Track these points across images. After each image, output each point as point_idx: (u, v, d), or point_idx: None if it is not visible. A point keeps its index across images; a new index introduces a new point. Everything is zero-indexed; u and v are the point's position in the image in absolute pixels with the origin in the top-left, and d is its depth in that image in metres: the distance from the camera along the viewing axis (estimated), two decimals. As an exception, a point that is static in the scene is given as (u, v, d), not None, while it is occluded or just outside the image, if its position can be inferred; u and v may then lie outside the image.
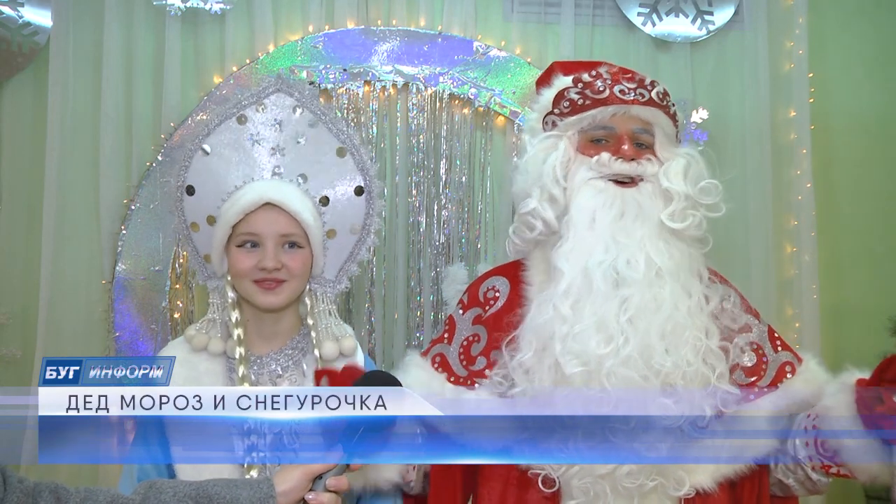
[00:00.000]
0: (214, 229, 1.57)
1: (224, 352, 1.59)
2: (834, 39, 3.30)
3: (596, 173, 1.58)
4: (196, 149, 1.58)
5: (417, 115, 3.10)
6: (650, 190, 1.56)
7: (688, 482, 1.47)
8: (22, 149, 2.99)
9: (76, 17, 2.99)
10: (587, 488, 1.44)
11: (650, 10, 3.18)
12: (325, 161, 1.64)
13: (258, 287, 1.54)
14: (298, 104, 1.62)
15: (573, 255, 1.52)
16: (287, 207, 1.54)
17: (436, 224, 3.10)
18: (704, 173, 1.59)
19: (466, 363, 1.62)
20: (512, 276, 1.66)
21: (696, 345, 1.46)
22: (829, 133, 3.26)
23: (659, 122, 1.63)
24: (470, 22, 3.13)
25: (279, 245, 1.54)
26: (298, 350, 1.62)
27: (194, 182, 1.58)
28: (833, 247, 3.22)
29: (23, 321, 2.95)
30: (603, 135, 1.61)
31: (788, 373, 1.58)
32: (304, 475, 1.27)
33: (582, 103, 1.62)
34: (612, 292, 1.48)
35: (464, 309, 1.70)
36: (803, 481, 1.56)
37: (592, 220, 1.54)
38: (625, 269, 1.49)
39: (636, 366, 1.42)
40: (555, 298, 1.50)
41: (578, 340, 1.45)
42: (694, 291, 1.52)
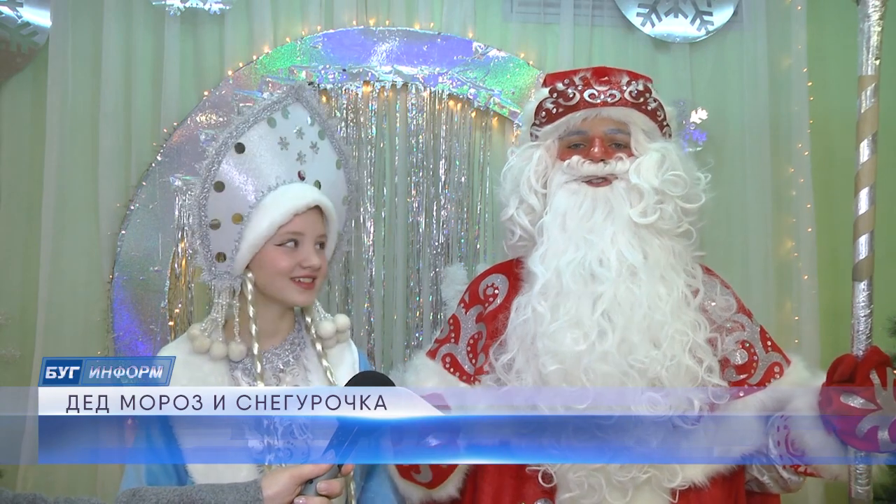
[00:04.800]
0: (243, 228, 1.57)
1: (226, 356, 1.61)
2: (833, 39, 3.30)
3: (569, 177, 1.64)
4: (229, 147, 1.57)
5: (416, 115, 3.10)
6: (622, 187, 1.61)
7: (681, 474, 1.50)
8: (21, 149, 2.98)
9: (75, 17, 2.99)
10: (582, 481, 1.48)
11: (649, 10, 3.18)
12: (329, 170, 1.71)
13: (297, 285, 1.60)
14: (311, 115, 1.67)
15: (547, 257, 1.58)
16: (329, 212, 1.63)
17: (435, 224, 3.10)
18: (678, 165, 1.62)
19: (474, 360, 1.66)
20: (510, 273, 1.72)
21: (681, 340, 1.49)
22: (828, 133, 3.26)
23: (633, 120, 1.66)
24: (469, 22, 3.13)
25: (315, 245, 1.62)
26: (297, 344, 1.67)
27: (225, 179, 1.57)
28: (832, 246, 3.22)
29: (22, 321, 2.95)
30: (578, 139, 1.67)
31: (777, 373, 1.63)
32: (291, 479, 1.27)
33: (556, 112, 1.68)
34: (585, 289, 1.52)
35: (466, 307, 1.75)
36: (777, 479, 1.61)
37: (564, 222, 1.60)
38: (596, 267, 1.53)
39: (614, 361, 1.45)
40: (532, 299, 1.55)
41: (554, 339, 1.49)
42: (677, 286, 1.55)
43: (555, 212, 1.60)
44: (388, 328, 3.09)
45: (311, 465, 1.30)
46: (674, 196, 1.59)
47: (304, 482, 1.29)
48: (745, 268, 3.12)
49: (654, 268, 1.54)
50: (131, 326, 2.94)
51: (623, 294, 1.50)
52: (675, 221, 1.60)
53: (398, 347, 3.07)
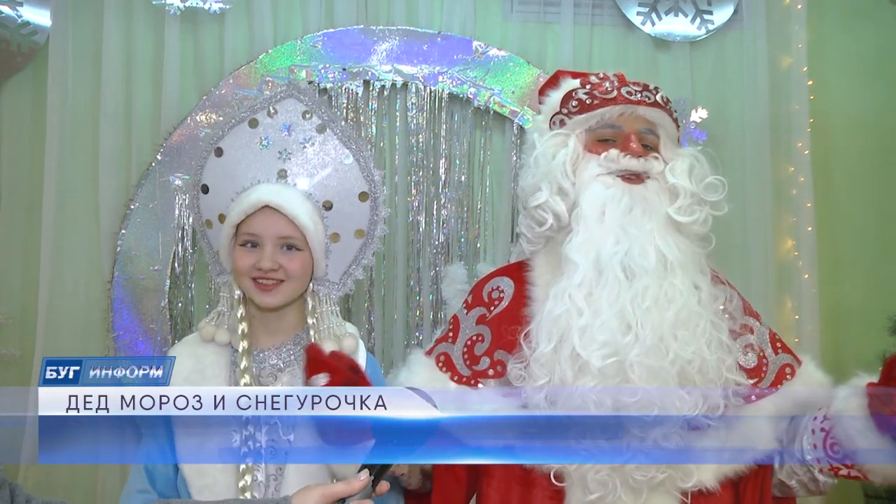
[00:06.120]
0: (223, 227, 1.62)
1: (230, 342, 1.63)
2: (833, 38, 3.31)
3: (604, 169, 1.60)
4: (210, 150, 1.64)
5: (417, 114, 3.10)
6: (656, 187, 1.59)
7: (696, 475, 1.48)
8: (21, 149, 2.99)
9: (75, 16, 2.99)
10: (604, 480, 1.45)
11: (649, 9, 3.18)
12: (330, 166, 1.66)
13: (256, 286, 1.58)
14: (308, 109, 1.65)
15: (585, 247, 1.54)
16: (285, 211, 1.56)
17: (435, 223, 3.10)
18: (709, 173, 1.62)
19: (470, 363, 1.63)
20: (516, 276, 1.68)
21: (709, 336, 1.48)
22: (828, 132, 3.26)
23: (663, 123, 1.66)
24: (469, 21, 3.14)
25: (277, 247, 1.57)
26: (301, 346, 1.64)
27: (208, 181, 1.64)
28: (833, 246, 3.22)
29: (22, 321, 2.96)
30: (610, 134, 1.64)
31: (788, 374, 1.60)
32: (323, 497, 1.24)
33: (590, 102, 1.65)
34: (626, 282, 1.49)
35: (468, 308, 1.71)
36: (807, 483, 1.56)
37: (602, 214, 1.56)
38: (637, 260, 1.50)
39: (657, 355, 1.44)
40: (570, 289, 1.51)
41: (602, 331, 1.46)
42: (702, 285, 1.54)
43: (591, 202, 1.57)
44: (388, 327, 3.09)
45: (343, 483, 1.26)
46: (708, 202, 1.59)
47: (335, 501, 1.25)
48: (746, 267, 3.12)
49: (686, 266, 1.54)
50: (131, 326, 2.94)
51: (663, 289, 1.49)
52: (707, 226, 1.60)
53: (398, 347, 3.07)
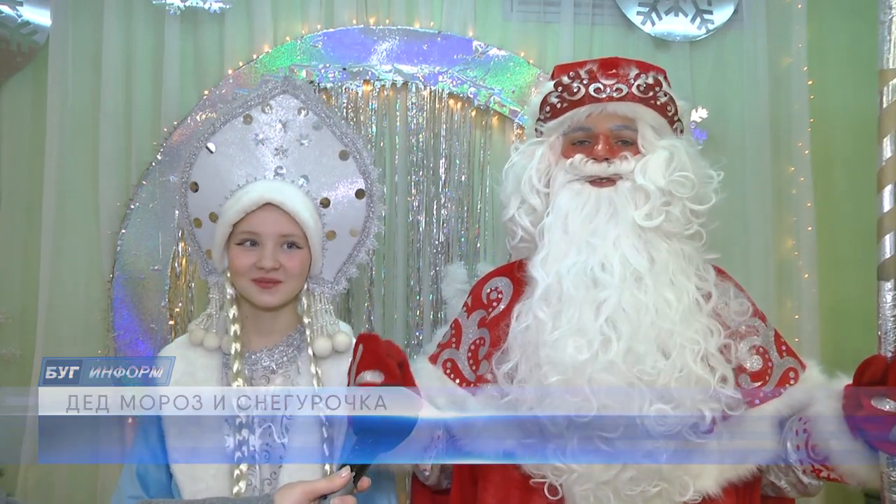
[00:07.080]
0: (216, 226, 1.59)
1: (219, 347, 1.60)
2: (833, 38, 3.30)
3: (572, 176, 1.56)
4: (201, 147, 1.60)
5: (417, 114, 3.10)
6: (627, 188, 1.53)
7: (692, 487, 1.44)
8: (21, 148, 2.99)
9: (75, 16, 2.99)
10: (588, 495, 1.41)
11: (649, 9, 3.18)
12: (327, 163, 1.64)
13: (256, 285, 1.55)
14: (304, 106, 1.63)
15: (548, 262, 1.51)
16: (287, 208, 1.55)
17: (435, 223, 3.10)
18: (687, 164, 1.54)
19: (475, 367, 1.61)
20: (513, 276, 1.66)
21: (692, 348, 1.42)
22: (828, 132, 3.25)
23: (641, 116, 1.58)
24: (469, 21, 3.13)
25: (278, 245, 1.56)
26: (293, 347, 1.62)
27: (198, 179, 1.61)
28: (833, 245, 3.22)
29: (22, 321, 2.95)
30: (582, 136, 1.59)
31: (792, 378, 1.55)
32: (304, 494, 1.24)
33: (560, 106, 1.60)
34: (587, 296, 1.44)
35: (468, 311, 1.69)
36: (795, 484, 1.54)
37: (566, 224, 1.52)
38: (599, 272, 1.45)
39: (620, 372, 1.38)
40: (533, 305, 1.48)
41: (556, 348, 1.42)
42: (687, 291, 1.48)
43: (556, 213, 1.53)
44: (388, 327, 3.09)
45: (325, 480, 1.26)
46: (682, 197, 1.51)
47: (317, 497, 1.25)
48: (746, 266, 3.11)
49: (662, 273, 1.46)
50: (131, 326, 2.94)
51: (628, 300, 1.42)
52: (683, 223, 1.52)
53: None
